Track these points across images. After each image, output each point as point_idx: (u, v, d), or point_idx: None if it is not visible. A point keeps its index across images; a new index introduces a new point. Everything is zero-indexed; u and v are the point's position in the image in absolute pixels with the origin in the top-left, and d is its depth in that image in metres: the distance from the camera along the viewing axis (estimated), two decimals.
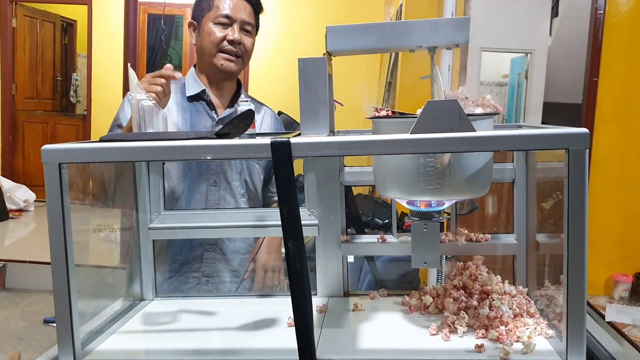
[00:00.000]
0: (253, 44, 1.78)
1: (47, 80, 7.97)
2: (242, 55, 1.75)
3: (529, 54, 4.43)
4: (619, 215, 3.37)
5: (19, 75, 7.25)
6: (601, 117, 3.36)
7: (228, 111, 1.79)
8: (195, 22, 1.78)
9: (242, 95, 1.81)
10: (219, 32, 1.71)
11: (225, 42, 1.71)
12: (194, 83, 1.79)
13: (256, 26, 1.80)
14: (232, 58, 1.73)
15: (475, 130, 0.96)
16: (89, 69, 6.99)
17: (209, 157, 0.99)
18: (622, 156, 3.36)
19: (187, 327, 1.28)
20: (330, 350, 1.11)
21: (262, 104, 1.90)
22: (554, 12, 4.14)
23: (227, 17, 1.71)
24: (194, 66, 1.83)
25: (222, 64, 1.73)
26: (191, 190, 1.73)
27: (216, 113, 1.78)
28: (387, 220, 2.59)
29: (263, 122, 1.86)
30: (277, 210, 0.98)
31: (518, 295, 1.23)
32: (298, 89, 1.13)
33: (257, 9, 1.79)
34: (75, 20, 8.46)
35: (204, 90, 1.77)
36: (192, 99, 1.77)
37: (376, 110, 1.12)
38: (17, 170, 7.12)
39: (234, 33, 1.71)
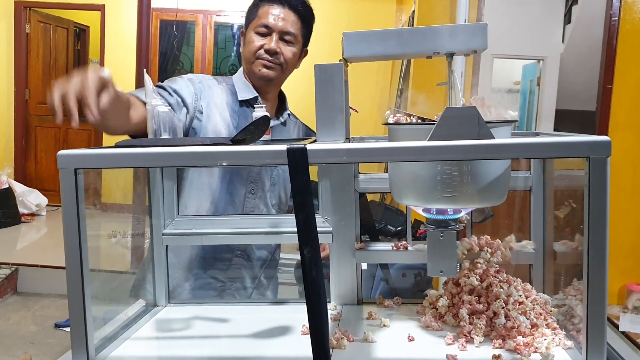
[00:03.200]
0: (295, 54, 1.77)
1: None
2: (282, 64, 1.75)
3: (541, 61, 4.40)
4: (633, 223, 3.34)
5: (32, 81, 7.29)
6: (615, 124, 3.33)
7: (272, 123, 1.79)
8: (244, 31, 1.80)
9: (287, 109, 1.84)
10: (257, 41, 1.73)
11: (262, 51, 1.72)
12: (244, 87, 1.79)
13: (304, 35, 1.79)
14: (269, 64, 1.73)
15: (494, 138, 0.95)
16: None
17: (224, 164, 0.99)
18: (636, 164, 3.33)
19: (200, 334, 1.27)
20: (345, 359, 1.10)
21: (297, 119, 1.93)
22: (567, 18, 4.12)
23: (266, 26, 1.72)
24: (242, 71, 1.84)
25: (259, 70, 1.74)
26: (230, 194, 1.72)
27: None
28: (399, 227, 2.57)
29: (296, 133, 1.88)
30: (292, 216, 0.97)
31: (536, 306, 1.21)
32: (310, 95, 1.13)
33: (304, 18, 1.78)
34: (88, 26, 8.51)
35: (256, 98, 1.77)
36: (243, 103, 1.78)
37: (403, 115, 1.11)
38: (29, 175, 7.16)
39: (270, 42, 1.72)
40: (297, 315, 1.34)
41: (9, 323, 4.11)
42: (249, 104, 1.77)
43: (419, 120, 1.10)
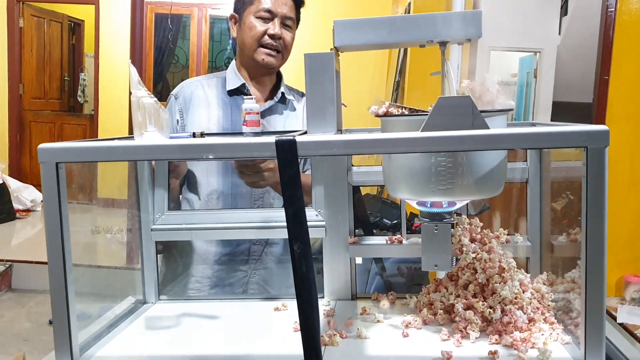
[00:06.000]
0: (293, 39, 1.76)
1: (54, 80, 7.97)
2: (282, 50, 1.74)
3: (537, 53, 4.36)
4: (630, 215, 3.31)
5: (27, 75, 7.25)
6: (612, 116, 3.30)
7: (269, 103, 1.78)
8: (236, 15, 1.78)
9: (282, 87, 1.81)
10: (260, 26, 1.70)
11: (266, 37, 1.70)
12: (234, 77, 1.79)
13: (297, 20, 1.78)
14: (272, 53, 1.72)
15: (488, 128, 0.92)
16: (96, 69, 6.98)
17: (210, 157, 0.96)
18: (634, 155, 3.30)
19: (190, 331, 1.25)
20: (337, 356, 1.08)
21: (303, 94, 1.88)
22: (564, 10, 4.09)
23: (268, 11, 1.70)
24: (235, 60, 1.83)
25: (263, 59, 1.72)
26: (236, 184, 1.71)
27: None
28: (395, 221, 2.54)
29: (305, 109, 1.82)
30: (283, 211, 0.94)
31: (533, 300, 1.18)
32: (304, 87, 1.10)
33: (298, 2, 1.76)
34: (82, 20, 8.46)
35: (243, 84, 1.77)
36: (233, 93, 1.77)
37: (392, 106, 1.08)
38: (24, 170, 7.12)
39: (274, 27, 1.70)
40: (289, 311, 1.32)
41: (3, 320, 4.08)
42: (239, 91, 1.77)
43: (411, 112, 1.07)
